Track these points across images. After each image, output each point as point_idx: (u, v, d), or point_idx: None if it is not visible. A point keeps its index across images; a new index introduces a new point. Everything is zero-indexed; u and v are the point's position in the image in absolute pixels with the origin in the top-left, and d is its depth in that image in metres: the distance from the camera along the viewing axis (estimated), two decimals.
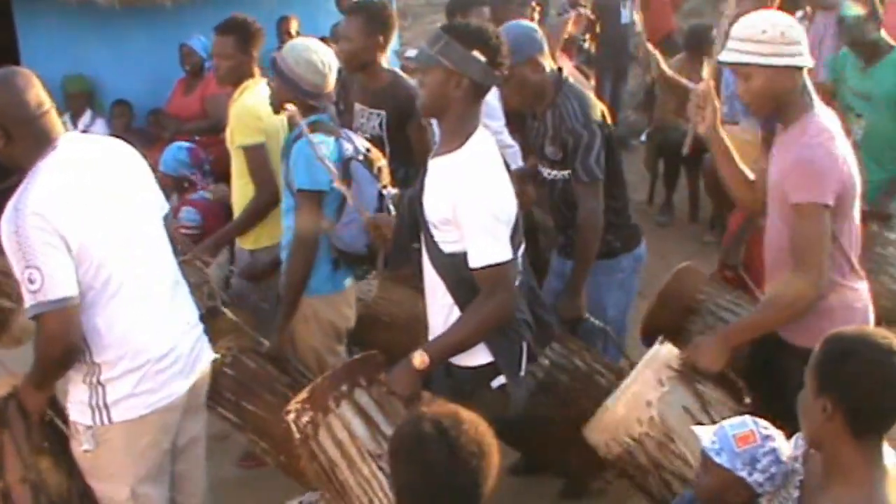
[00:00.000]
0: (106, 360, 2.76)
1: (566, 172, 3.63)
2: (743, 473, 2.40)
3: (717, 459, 2.43)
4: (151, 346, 2.82)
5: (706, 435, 2.49)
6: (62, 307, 2.61)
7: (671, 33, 8.49)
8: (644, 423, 2.95)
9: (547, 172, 3.76)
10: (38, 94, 2.74)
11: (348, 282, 3.75)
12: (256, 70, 4.19)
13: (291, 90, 3.55)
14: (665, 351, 3.06)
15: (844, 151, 2.88)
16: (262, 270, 4.11)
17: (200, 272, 4.01)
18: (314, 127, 3.51)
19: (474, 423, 2.08)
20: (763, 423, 2.49)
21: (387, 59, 4.36)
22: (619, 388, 3.07)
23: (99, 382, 2.77)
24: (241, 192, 4.13)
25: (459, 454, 2.01)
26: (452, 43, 2.75)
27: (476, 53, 2.75)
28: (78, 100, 7.04)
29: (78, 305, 2.65)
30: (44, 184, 2.66)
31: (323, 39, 5.62)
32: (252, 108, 3.98)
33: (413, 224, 3.00)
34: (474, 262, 2.76)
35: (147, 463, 2.90)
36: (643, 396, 2.97)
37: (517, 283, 2.89)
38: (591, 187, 3.57)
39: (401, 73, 4.38)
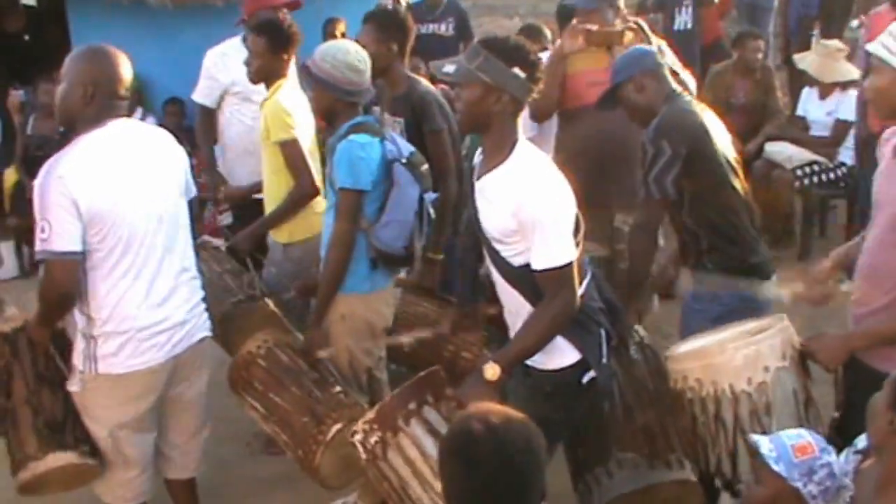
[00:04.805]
0: (99, 317, 3.14)
1: None
2: (799, 484, 2.37)
3: (775, 467, 2.40)
4: (140, 317, 3.16)
5: (763, 443, 2.46)
6: (63, 259, 3.01)
7: (718, 39, 8.43)
8: (753, 383, 2.87)
9: None
10: (128, 81, 3.18)
11: (387, 281, 3.76)
12: (289, 71, 4.31)
13: (332, 93, 3.58)
14: (792, 328, 3.00)
15: None
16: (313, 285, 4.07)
17: (235, 260, 4.18)
18: (359, 128, 3.54)
19: (524, 423, 2.07)
20: (817, 436, 2.46)
21: (406, 66, 4.37)
22: (733, 333, 3.02)
23: (92, 336, 3.16)
24: (276, 186, 4.23)
25: (507, 452, 1.99)
26: (492, 59, 2.76)
27: (516, 70, 2.76)
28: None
29: (79, 260, 3.04)
30: (77, 154, 3.06)
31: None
32: (285, 105, 4.11)
33: (476, 247, 3.01)
34: (538, 264, 2.77)
35: (125, 413, 3.27)
36: (765, 360, 2.88)
37: (588, 276, 2.91)
38: (644, 203, 3.50)
39: (419, 79, 4.39)
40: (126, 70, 3.17)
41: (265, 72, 4.27)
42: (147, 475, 3.47)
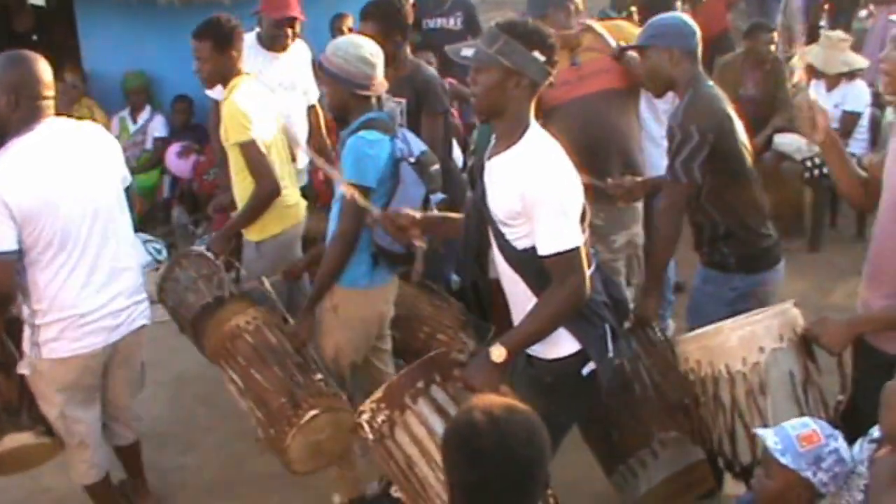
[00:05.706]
0: (40, 309, 3.37)
1: None
2: (808, 473, 2.37)
3: (782, 460, 2.39)
4: (79, 305, 3.40)
5: (768, 436, 2.45)
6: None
7: (724, 31, 8.38)
8: (748, 364, 2.92)
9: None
10: (49, 81, 3.34)
11: (387, 278, 3.77)
12: (242, 67, 4.26)
13: (345, 87, 3.58)
14: (795, 312, 3.04)
15: None
16: (301, 268, 4.25)
17: (212, 263, 4.16)
18: (370, 124, 3.54)
19: (527, 416, 2.08)
20: (822, 423, 2.46)
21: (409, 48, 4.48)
22: (737, 319, 3.05)
23: (35, 325, 3.40)
24: (241, 186, 4.23)
25: (509, 445, 1.99)
26: (512, 42, 2.75)
27: (536, 53, 2.75)
28: (137, 95, 7.18)
29: (13, 259, 3.25)
30: (8, 160, 3.25)
31: None
32: (241, 106, 4.07)
33: (479, 229, 3.01)
34: (544, 249, 2.76)
35: (69, 393, 3.52)
36: (759, 340, 2.94)
37: (593, 265, 2.90)
38: (669, 186, 3.53)
39: (423, 63, 4.45)
40: (45, 71, 3.31)
41: (217, 74, 4.23)
42: (101, 451, 3.75)
